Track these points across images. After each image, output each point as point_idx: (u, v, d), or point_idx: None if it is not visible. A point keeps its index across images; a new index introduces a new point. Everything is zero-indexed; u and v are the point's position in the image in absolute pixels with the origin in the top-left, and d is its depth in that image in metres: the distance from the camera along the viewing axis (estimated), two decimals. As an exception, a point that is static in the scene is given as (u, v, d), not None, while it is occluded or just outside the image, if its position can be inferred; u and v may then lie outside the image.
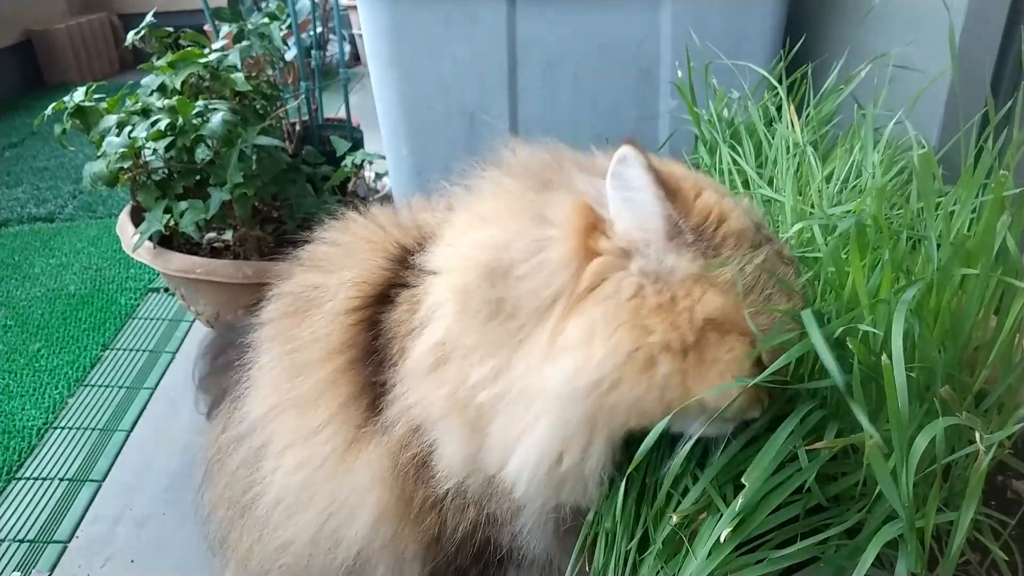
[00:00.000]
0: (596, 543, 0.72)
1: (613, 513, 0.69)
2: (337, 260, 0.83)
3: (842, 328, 0.58)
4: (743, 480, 0.57)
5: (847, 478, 0.64)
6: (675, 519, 0.65)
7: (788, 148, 0.97)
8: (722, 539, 0.58)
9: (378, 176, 1.99)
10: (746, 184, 0.98)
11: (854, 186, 0.88)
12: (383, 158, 1.66)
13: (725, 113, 1.13)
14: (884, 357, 0.50)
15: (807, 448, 0.60)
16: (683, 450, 0.65)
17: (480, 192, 0.73)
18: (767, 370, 0.59)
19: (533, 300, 0.63)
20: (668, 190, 0.61)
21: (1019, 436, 0.76)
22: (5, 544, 1.31)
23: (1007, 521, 0.66)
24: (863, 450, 0.60)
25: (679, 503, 0.65)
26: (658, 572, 0.68)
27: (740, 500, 0.57)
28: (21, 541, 1.32)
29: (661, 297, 0.61)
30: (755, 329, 0.61)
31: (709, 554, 0.59)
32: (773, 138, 1.02)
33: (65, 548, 1.30)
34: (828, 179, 0.90)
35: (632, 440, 0.70)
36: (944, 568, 0.58)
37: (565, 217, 0.64)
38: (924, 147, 0.71)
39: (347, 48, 3.97)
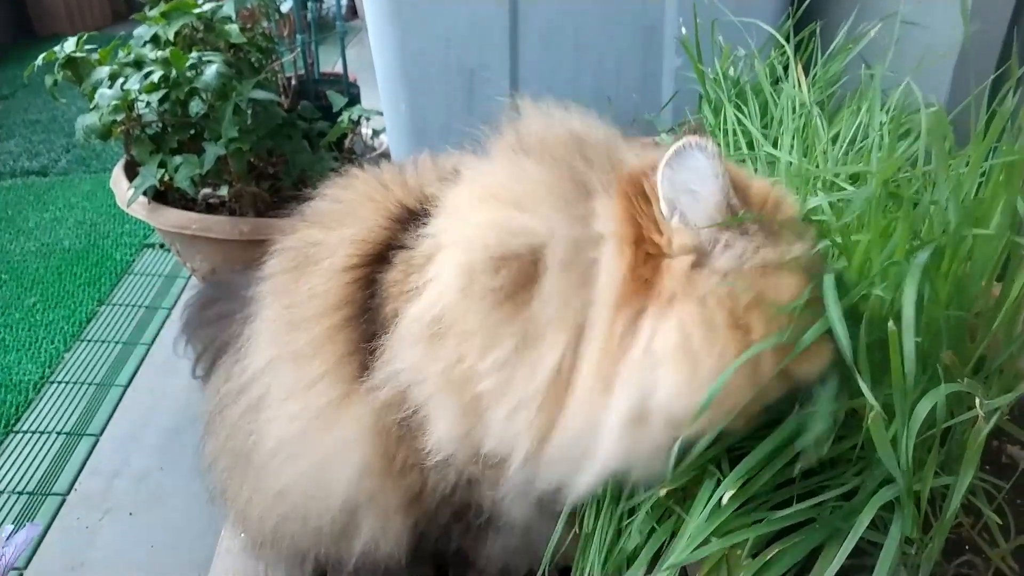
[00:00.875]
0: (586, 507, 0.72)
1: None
2: (338, 217, 0.82)
3: (856, 295, 0.58)
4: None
5: (844, 441, 0.64)
6: (662, 492, 0.65)
7: (794, 108, 0.95)
8: (723, 502, 0.58)
9: (375, 133, 1.96)
10: (751, 145, 0.96)
11: (860, 148, 0.87)
12: (381, 114, 1.63)
13: (731, 72, 1.11)
14: (891, 323, 0.49)
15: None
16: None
17: (491, 163, 0.71)
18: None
19: (561, 299, 0.61)
20: (736, 185, 0.60)
21: (1016, 402, 0.76)
22: (4, 496, 1.32)
23: (1001, 485, 0.67)
24: (863, 413, 0.60)
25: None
26: (650, 532, 0.68)
27: (744, 463, 0.57)
28: (20, 493, 1.33)
29: (748, 293, 0.59)
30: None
31: (708, 517, 0.60)
32: (779, 98, 1.00)
33: (64, 501, 1.31)
34: (834, 140, 0.89)
35: None
36: (938, 531, 0.58)
37: (614, 216, 0.61)
38: (934, 107, 0.69)
39: (344, 1, 3.88)
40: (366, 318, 0.75)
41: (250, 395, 0.82)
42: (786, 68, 1.06)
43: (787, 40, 1.09)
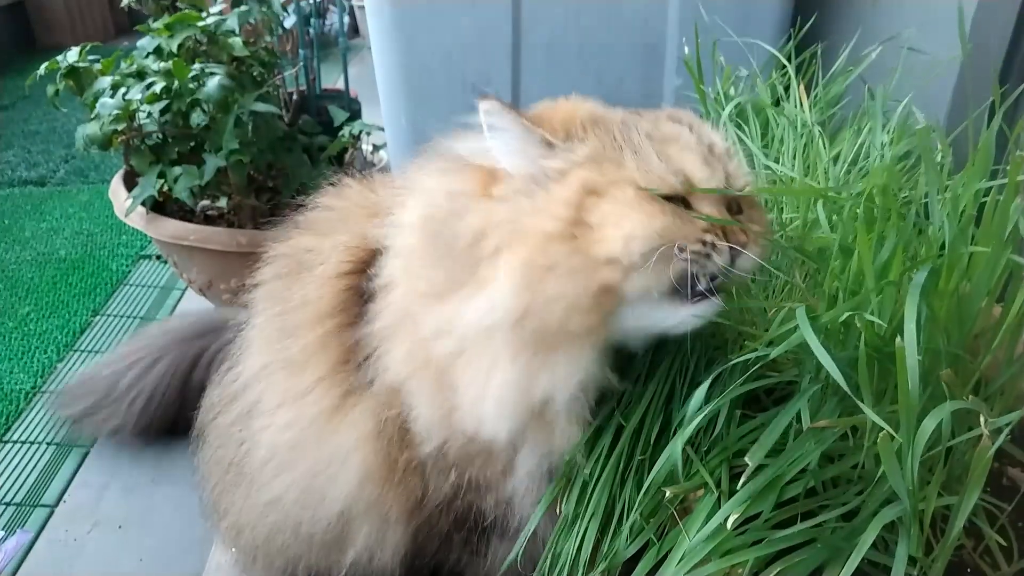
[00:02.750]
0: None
1: (596, 463, 0.70)
2: (331, 224, 0.83)
3: (847, 312, 0.57)
4: (747, 459, 0.57)
5: (845, 460, 0.64)
6: (668, 494, 0.65)
7: (795, 128, 0.95)
8: (729, 524, 0.57)
9: (376, 148, 1.96)
10: (751, 164, 0.96)
11: (861, 167, 0.87)
12: (381, 129, 1.64)
13: (732, 91, 1.12)
14: (898, 340, 0.49)
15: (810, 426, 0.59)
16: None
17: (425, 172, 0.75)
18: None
19: (464, 252, 0.66)
20: (534, 121, 0.67)
21: (1018, 424, 0.76)
22: (-8, 507, 1.31)
23: (1003, 507, 0.66)
24: (863, 431, 0.60)
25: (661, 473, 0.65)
26: (646, 544, 0.67)
27: (750, 484, 0.56)
28: (8, 503, 1.31)
29: (535, 201, 0.65)
30: (640, 173, 0.64)
31: (709, 535, 0.59)
32: (780, 119, 1.01)
33: (52, 512, 1.29)
34: (835, 160, 0.89)
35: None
36: (941, 552, 0.58)
37: (469, 180, 0.68)
38: (934, 130, 0.70)
39: (347, 19, 3.91)
40: (360, 325, 0.75)
41: (242, 403, 0.82)
42: (787, 89, 1.07)
43: (788, 60, 1.09)
